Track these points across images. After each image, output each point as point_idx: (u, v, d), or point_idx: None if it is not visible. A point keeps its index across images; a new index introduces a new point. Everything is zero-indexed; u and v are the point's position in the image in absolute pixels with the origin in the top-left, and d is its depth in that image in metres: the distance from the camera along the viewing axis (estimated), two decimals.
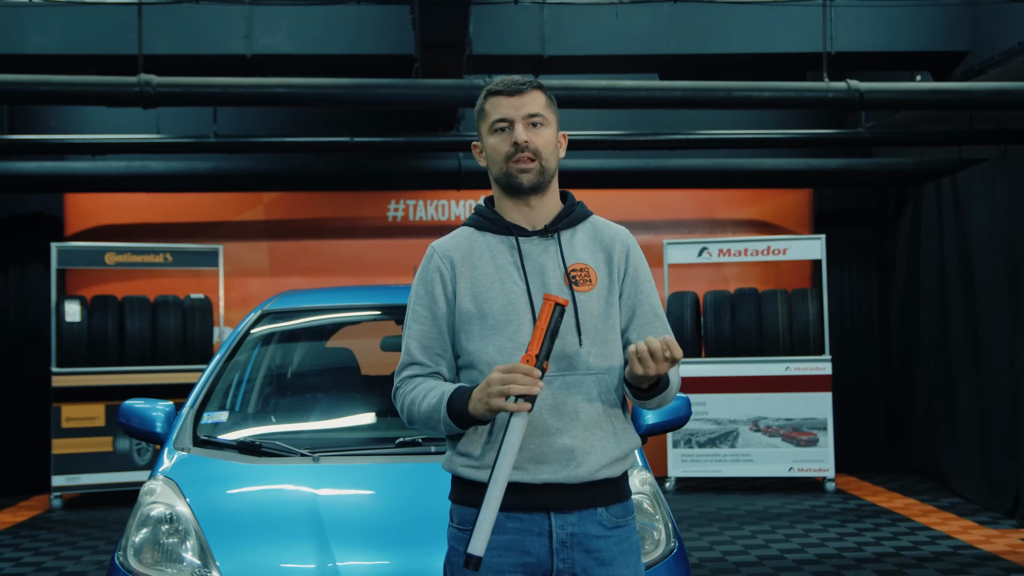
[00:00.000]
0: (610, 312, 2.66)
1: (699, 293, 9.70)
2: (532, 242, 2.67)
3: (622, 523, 2.63)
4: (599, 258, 2.69)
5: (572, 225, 2.72)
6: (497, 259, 2.65)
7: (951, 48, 8.40)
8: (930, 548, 7.00)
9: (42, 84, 7.06)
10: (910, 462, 10.01)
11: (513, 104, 2.66)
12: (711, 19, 8.31)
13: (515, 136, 2.64)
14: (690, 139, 9.27)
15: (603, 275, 2.67)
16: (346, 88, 7.37)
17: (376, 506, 3.60)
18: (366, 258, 10.28)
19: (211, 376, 4.29)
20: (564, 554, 2.56)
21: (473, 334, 2.61)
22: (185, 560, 3.34)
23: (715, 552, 7.00)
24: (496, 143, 2.67)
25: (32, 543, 7.53)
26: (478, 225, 2.72)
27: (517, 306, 2.60)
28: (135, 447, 8.98)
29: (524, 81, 2.69)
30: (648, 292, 2.72)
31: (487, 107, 2.69)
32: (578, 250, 2.68)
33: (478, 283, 2.64)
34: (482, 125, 2.71)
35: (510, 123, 2.65)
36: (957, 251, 8.84)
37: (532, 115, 2.66)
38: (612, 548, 2.59)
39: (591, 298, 2.63)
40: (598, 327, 2.63)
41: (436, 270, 2.68)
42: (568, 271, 2.64)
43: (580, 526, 2.57)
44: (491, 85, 2.70)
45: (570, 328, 2.59)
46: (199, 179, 9.48)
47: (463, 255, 2.67)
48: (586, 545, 2.57)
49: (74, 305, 8.98)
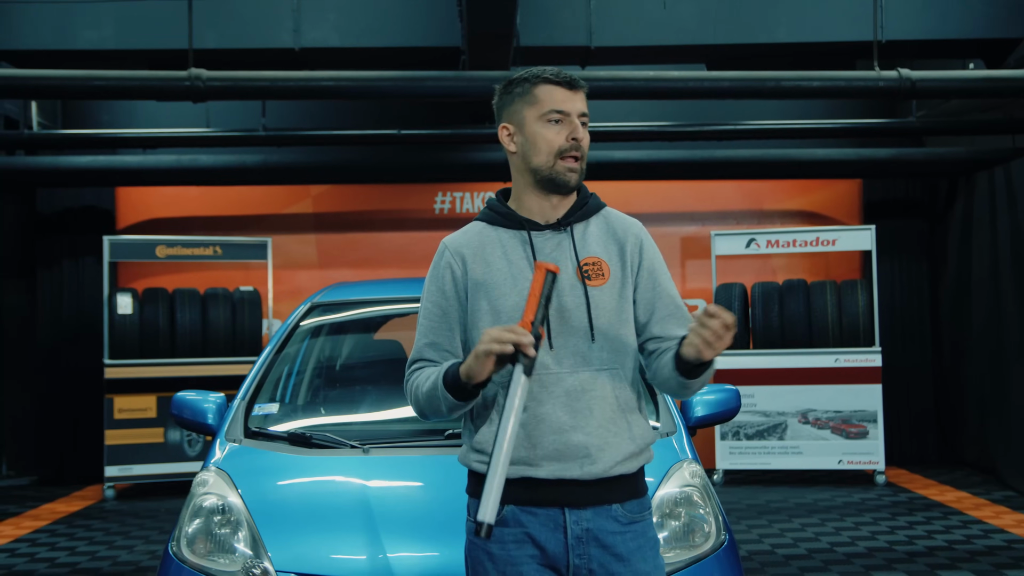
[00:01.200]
0: (623, 306, 2.63)
1: (747, 284, 9.64)
2: (544, 236, 2.64)
3: (638, 518, 2.62)
4: (612, 251, 2.66)
5: (585, 218, 2.68)
6: (509, 254, 2.63)
7: (1004, 35, 8.27)
8: (983, 542, 6.92)
9: (94, 79, 7.15)
10: (962, 455, 9.90)
11: (570, 98, 2.61)
12: (758, 8, 8.24)
13: (575, 132, 2.59)
14: (737, 130, 9.21)
15: (616, 268, 2.64)
16: (394, 81, 7.39)
17: (425, 498, 3.61)
18: (413, 250, 10.31)
19: (261, 368, 4.33)
20: (580, 550, 2.55)
21: (484, 329, 2.58)
22: (237, 551, 3.37)
23: (764, 545, 6.96)
24: (550, 134, 2.60)
25: (86, 532, 7.65)
26: (490, 220, 2.69)
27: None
28: (186, 438, 9.08)
29: (578, 78, 2.65)
30: (666, 284, 2.69)
31: (540, 94, 2.61)
32: (591, 243, 2.65)
33: (489, 278, 2.61)
34: (527, 109, 2.63)
35: (566, 116, 2.60)
36: (1010, 242, 8.71)
37: (583, 114, 2.63)
38: (628, 543, 2.58)
39: (604, 292, 2.61)
40: (612, 321, 2.60)
41: (447, 266, 2.66)
42: (580, 265, 2.61)
43: (595, 522, 2.56)
44: (542, 72, 2.64)
45: (583, 323, 2.57)
46: (248, 172, 9.55)
47: (474, 250, 2.65)
48: (602, 541, 2.56)
49: (126, 298, 9.09)
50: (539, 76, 2.63)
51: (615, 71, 8.14)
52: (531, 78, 2.64)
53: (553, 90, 2.61)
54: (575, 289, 2.59)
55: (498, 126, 2.70)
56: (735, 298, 9.40)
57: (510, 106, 2.66)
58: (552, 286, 2.45)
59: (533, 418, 2.55)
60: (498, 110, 2.70)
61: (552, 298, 2.49)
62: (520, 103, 2.64)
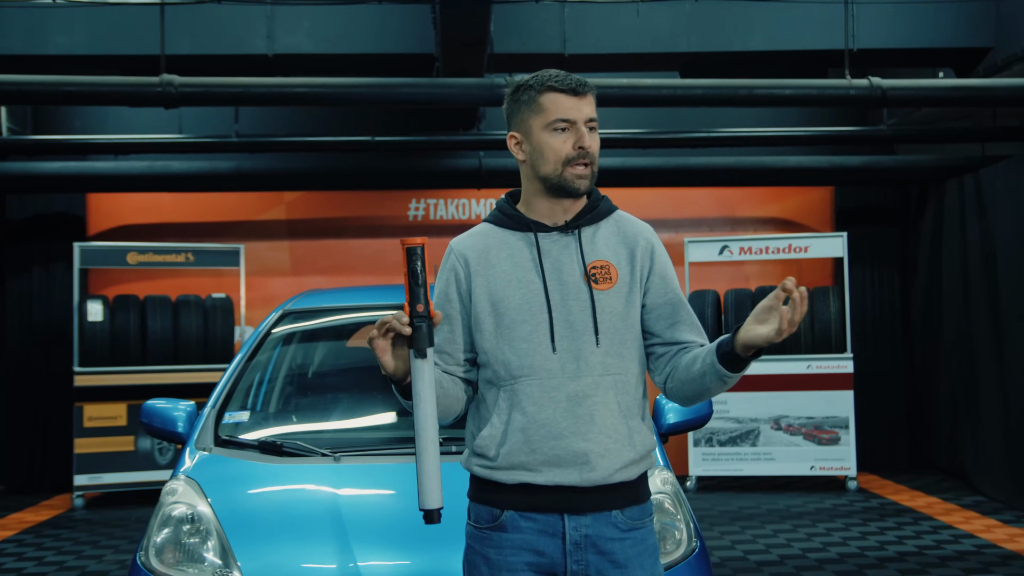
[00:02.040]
0: (630, 311, 2.61)
1: (720, 291, 9.67)
2: (552, 238, 2.62)
3: (638, 525, 2.60)
4: (622, 255, 2.63)
5: (595, 221, 2.65)
6: (515, 256, 2.61)
7: (974, 44, 8.34)
8: (953, 547, 6.96)
9: (65, 85, 7.11)
10: (933, 460, 9.96)
11: (576, 105, 2.59)
12: (732, 16, 8.28)
13: (581, 140, 2.57)
14: (711, 137, 9.24)
15: (625, 272, 2.62)
16: (367, 87, 7.38)
17: (397, 506, 3.59)
18: (387, 257, 10.29)
19: (232, 376, 4.31)
20: (578, 556, 2.54)
21: (488, 333, 2.58)
22: (206, 560, 3.35)
23: (737, 551, 6.98)
24: (556, 143, 2.58)
25: (54, 542, 7.58)
26: (498, 221, 2.68)
27: (533, 304, 2.57)
28: (156, 446, 9.02)
29: (584, 82, 2.61)
30: (676, 289, 2.68)
31: (545, 103, 2.59)
32: (600, 247, 2.63)
33: (494, 281, 2.60)
34: (532, 118, 2.60)
35: (572, 124, 2.58)
36: (980, 248, 8.78)
37: (591, 119, 2.61)
38: (627, 550, 2.57)
39: (611, 296, 2.59)
40: (617, 326, 2.58)
41: (452, 269, 2.65)
42: (588, 269, 2.59)
43: (594, 528, 2.55)
44: (548, 79, 2.60)
45: (587, 327, 2.56)
46: (221, 179, 9.51)
47: (480, 253, 2.63)
48: (600, 547, 2.55)
49: (96, 305, 9.03)
50: (544, 83, 2.60)
51: (589, 78, 8.15)
52: (536, 85, 2.61)
53: (558, 98, 2.59)
54: (581, 292, 2.57)
55: (507, 133, 2.68)
56: (708, 305, 9.43)
57: (517, 115, 2.64)
58: (419, 259, 2.42)
59: (533, 423, 2.53)
60: (507, 117, 2.68)
61: (422, 271, 2.43)
62: (526, 112, 2.62)
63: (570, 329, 2.56)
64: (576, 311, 2.57)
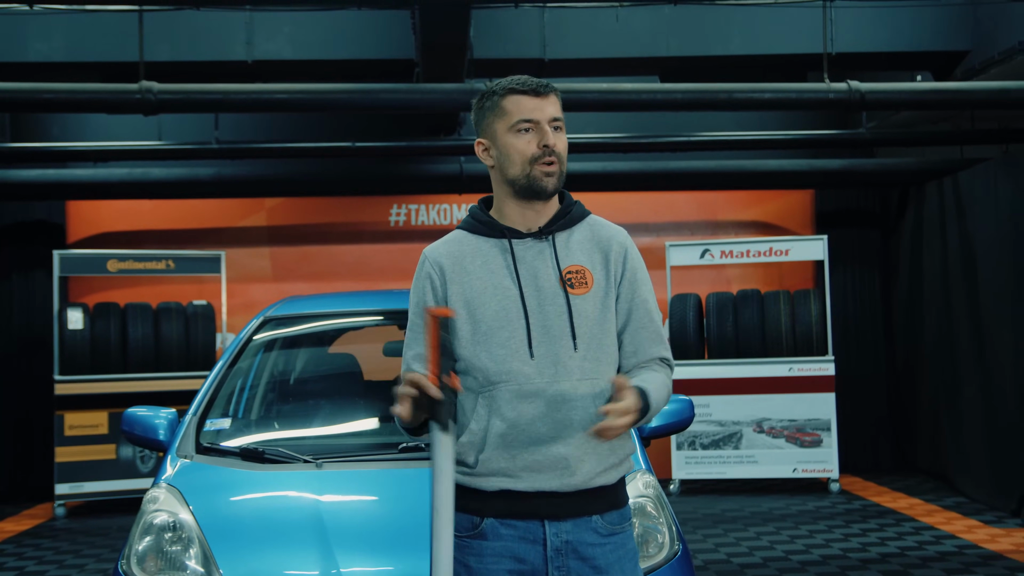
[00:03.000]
0: (606, 315, 2.61)
1: (701, 295, 9.69)
2: (526, 244, 2.62)
3: (618, 530, 2.60)
4: (596, 260, 2.64)
5: (569, 226, 2.66)
6: (490, 263, 2.61)
7: (952, 48, 8.39)
8: (935, 548, 6.99)
9: (44, 92, 7.07)
10: (915, 462, 10.00)
11: (539, 106, 2.60)
12: (711, 21, 8.31)
13: (545, 139, 2.58)
14: (691, 141, 9.26)
15: (600, 277, 2.62)
16: (348, 93, 7.36)
17: (379, 512, 3.59)
18: (368, 263, 10.28)
19: (213, 383, 4.29)
20: (559, 562, 2.54)
21: (465, 340, 2.57)
22: (188, 568, 3.34)
23: (720, 554, 6.99)
24: (520, 144, 2.59)
25: (36, 552, 7.53)
26: (471, 228, 2.67)
27: (510, 311, 2.57)
28: (138, 455, 8.98)
29: (545, 83, 2.63)
30: (645, 295, 2.67)
31: (508, 105, 2.60)
32: (574, 251, 2.63)
33: (470, 288, 2.60)
34: (497, 122, 2.62)
35: (536, 124, 2.59)
36: (960, 250, 8.83)
37: (555, 119, 2.61)
38: (608, 555, 2.57)
39: (587, 301, 2.59)
40: (594, 331, 2.58)
41: (427, 277, 2.65)
42: (563, 274, 2.60)
43: (575, 533, 2.55)
44: (509, 83, 2.62)
45: (564, 332, 2.56)
46: (201, 185, 9.48)
47: (454, 260, 2.63)
48: (581, 552, 2.55)
49: (76, 312, 8.99)
50: (506, 87, 2.62)
51: (569, 83, 8.16)
52: (499, 90, 2.63)
53: (520, 99, 2.60)
54: (557, 297, 2.57)
55: (475, 140, 2.70)
56: (690, 308, 9.45)
57: (483, 121, 2.66)
58: (447, 330, 2.41)
59: (512, 428, 2.53)
60: (475, 126, 2.70)
61: (449, 343, 2.42)
62: (491, 117, 2.63)
63: (547, 334, 2.56)
64: (553, 316, 2.57)
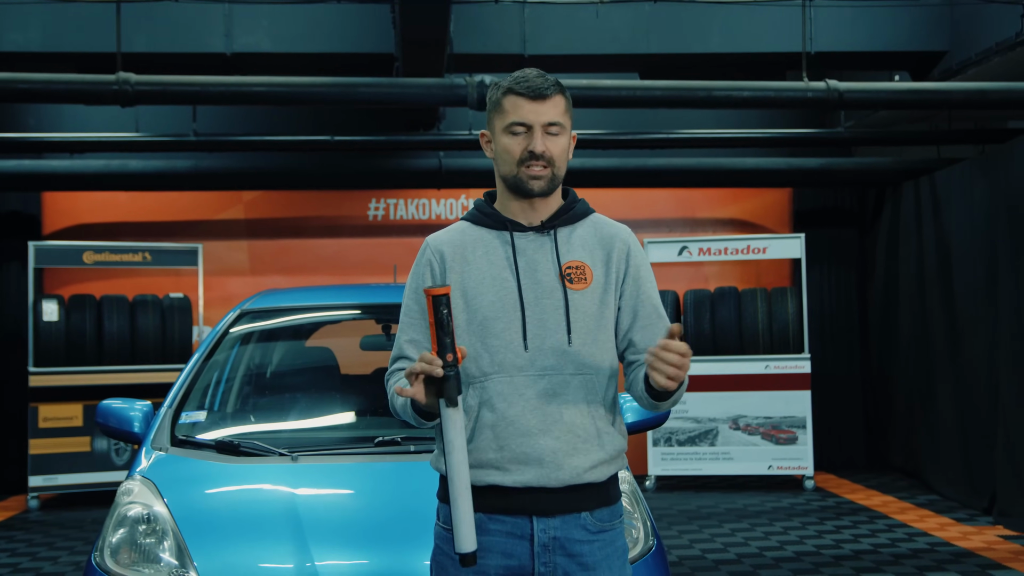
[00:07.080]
0: (604, 312, 2.62)
1: (679, 292, 9.72)
2: (527, 238, 2.63)
3: (607, 527, 2.60)
4: (597, 257, 2.65)
5: (571, 222, 2.67)
6: (490, 254, 2.62)
7: (930, 48, 8.43)
8: (908, 545, 7.04)
9: (20, 82, 7.02)
10: (888, 460, 10.06)
11: (535, 110, 2.58)
12: (691, 18, 8.32)
13: (533, 145, 2.57)
14: (670, 138, 9.28)
15: (600, 274, 2.63)
16: (327, 87, 7.35)
17: (355, 506, 3.59)
18: (346, 257, 10.26)
19: (189, 375, 4.28)
20: (546, 558, 2.54)
21: (461, 329, 2.57)
22: (163, 560, 3.33)
23: (695, 550, 7.01)
24: (510, 144, 2.59)
25: (8, 544, 7.49)
26: (475, 219, 2.68)
27: (507, 302, 2.57)
28: (113, 447, 8.94)
29: (548, 85, 2.59)
30: (650, 292, 2.68)
31: (506, 105, 2.60)
32: (575, 247, 2.64)
33: (468, 278, 2.61)
34: (496, 119, 2.63)
35: (528, 128, 2.58)
36: (936, 250, 8.88)
37: (551, 123, 2.59)
38: (596, 553, 2.57)
39: (585, 297, 2.60)
40: (590, 327, 2.59)
41: (427, 264, 2.66)
42: (563, 269, 2.60)
43: (563, 530, 2.55)
44: (512, 81, 2.61)
45: (560, 326, 2.57)
46: (178, 178, 9.44)
47: (455, 249, 2.64)
48: (569, 549, 2.55)
49: (52, 304, 8.93)
50: (507, 86, 2.61)
51: None
52: (503, 89, 2.62)
53: (518, 101, 2.59)
54: (555, 292, 2.58)
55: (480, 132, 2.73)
56: (667, 306, 9.47)
57: (488, 114, 2.68)
58: (445, 308, 2.40)
59: (502, 420, 2.53)
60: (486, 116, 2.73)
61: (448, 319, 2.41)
62: (492, 112, 2.65)
63: (543, 328, 2.57)
64: (549, 310, 2.58)
